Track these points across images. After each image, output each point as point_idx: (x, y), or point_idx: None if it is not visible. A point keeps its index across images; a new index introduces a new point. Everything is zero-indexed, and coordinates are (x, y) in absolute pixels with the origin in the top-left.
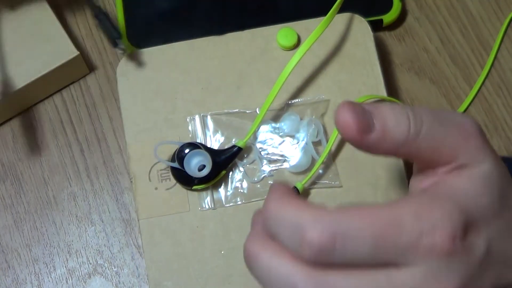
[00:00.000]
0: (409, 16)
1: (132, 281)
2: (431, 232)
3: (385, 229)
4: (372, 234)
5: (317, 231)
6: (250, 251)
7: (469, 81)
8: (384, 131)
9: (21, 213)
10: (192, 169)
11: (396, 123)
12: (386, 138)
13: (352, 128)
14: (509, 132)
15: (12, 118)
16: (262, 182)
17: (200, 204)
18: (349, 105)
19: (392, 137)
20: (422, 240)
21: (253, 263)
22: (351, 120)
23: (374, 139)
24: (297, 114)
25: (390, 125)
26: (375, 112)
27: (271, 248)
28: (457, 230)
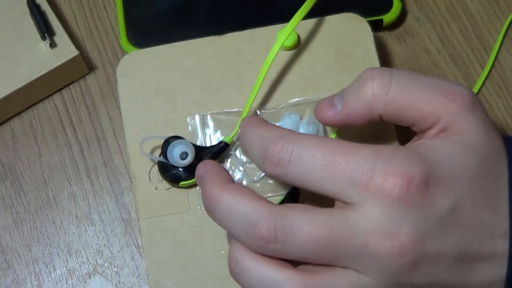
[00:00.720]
0: (409, 16)
1: (132, 281)
2: (385, 171)
3: (336, 156)
4: (323, 158)
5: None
6: (212, 193)
7: (469, 81)
8: (347, 112)
9: (21, 213)
10: (174, 158)
11: (355, 96)
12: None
13: (324, 112)
14: (509, 132)
15: (12, 118)
16: (261, 181)
17: (200, 204)
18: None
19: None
20: (374, 176)
21: (214, 204)
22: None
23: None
24: (297, 113)
25: (350, 101)
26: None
27: (233, 189)
28: (415, 177)
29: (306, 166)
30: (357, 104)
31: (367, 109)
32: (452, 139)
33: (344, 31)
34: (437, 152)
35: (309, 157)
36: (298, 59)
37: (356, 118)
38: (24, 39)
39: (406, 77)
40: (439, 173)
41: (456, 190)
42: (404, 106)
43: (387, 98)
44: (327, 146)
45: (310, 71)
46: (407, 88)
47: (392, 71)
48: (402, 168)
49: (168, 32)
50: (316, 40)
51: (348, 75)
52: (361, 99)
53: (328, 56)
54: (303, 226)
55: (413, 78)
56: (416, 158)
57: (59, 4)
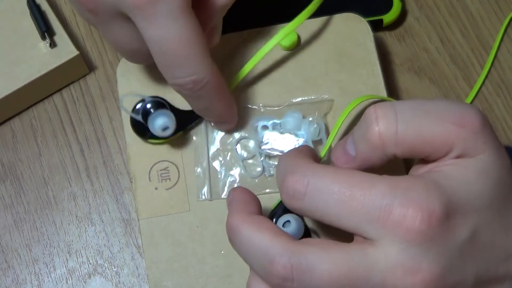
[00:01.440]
0: (409, 16)
1: (132, 281)
2: (403, 206)
3: (354, 191)
4: (340, 192)
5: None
6: (233, 224)
7: (469, 81)
8: (362, 159)
9: (21, 213)
10: (156, 128)
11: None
12: (368, 159)
13: (341, 162)
14: (509, 132)
15: (12, 118)
16: (261, 177)
17: (198, 195)
18: (337, 145)
19: (370, 157)
20: (392, 211)
21: (235, 236)
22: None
23: (357, 164)
24: (299, 112)
25: (361, 148)
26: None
27: (253, 222)
28: (435, 212)
29: (322, 200)
30: (368, 151)
31: (380, 153)
32: (467, 165)
33: (344, 31)
34: (453, 180)
35: (324, 191)
36: (298, 59)
37: (372, 163)
38: (24, 39)
39: (410, 110)
40: (457, 202)
41: (473, 218)
42: (415, 143)
43: (397, 139)
44: (344, 180)
45: (310, 71)
46: (414, 123)
47: (394, 106)
48: (421, 202)
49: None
50: (316, 40)
51: (348, 75)
52: (371, 146)
53: (328, 56)
54: (320, 265)
55: (417, 108)
56: (435, 190)
57: (59, 4)
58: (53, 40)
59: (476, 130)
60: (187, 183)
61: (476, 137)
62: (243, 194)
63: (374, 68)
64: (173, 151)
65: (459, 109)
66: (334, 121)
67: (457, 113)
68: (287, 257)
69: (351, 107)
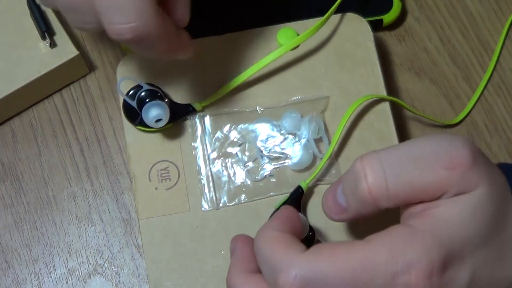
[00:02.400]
0: (409, 16)
1: (132, 281)
2: (407, 272)
3: (358, 274)
4: (343, 280)
5: (288, 277)
6: (232, 284)
7: (469, 81)
8: (354, 212)
9: (21, 213)
10: (149, 119)
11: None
12: (360, 212)
13: (332, 212)
14: (509, 132)
15: (12, 118)
16: (264, 181)
17: (201, 205)
18: (327, 194)
19: (362, 211)
20: (398, 281)
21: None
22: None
23: (350, 216)
24: (297, 112)
25: (353, 203)
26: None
27: (252, 284)
28: (434, 267)
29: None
30: (360, 206)
31: (372, 208)
32: (462, 203)
33: (344, 31)
34: (449, 223)
35: (328, 285)
36: (298, 59)
37: (366, 215)
38: (24, 39)
39: (397, 161)
40: (454, 248)
41: (470, 260)
42: (407, 195)
43: (389, 194)
44: (345, 267)
45: (310, 71)
46: (404, 175)
47: (380, 158)
48: (421, 263)
49: None
50: (316, 40)
51: (348, 75)
52: (362, 202)
53: (328, 56)
54: None
55: (404, 157)
56: (431, 244)
57: None
58: (53, 40)
59: (467, 169)
60: (187, 183)
61: (468, 176)
62: (245, 249)
63: (374, 68)
64: (173, 151)
65: (447, 149)
66: (332, 119)
67: (446, 155)
68: None
69: (353, 108)
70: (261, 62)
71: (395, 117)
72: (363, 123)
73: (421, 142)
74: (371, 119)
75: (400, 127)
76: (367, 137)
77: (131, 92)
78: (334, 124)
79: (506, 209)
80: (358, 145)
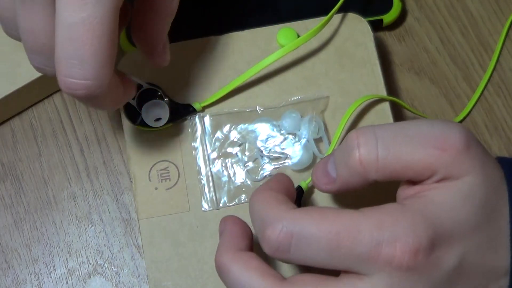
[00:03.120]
0: (409, 16)
1: (132, 281)
2: (391, 244)
3: (342, 237)
4: (327, 241)
5: (275, 229)
6: (221, 263)
7: (469, 81)
8: (342, 182)
9: (21, 213)
10: (149, 118)
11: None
12: (348, 183)
13: (321, 183)
14: (509, 132)
15: (12, 118)
16: (264, 180)
17: (201, 205)
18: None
19: (350, 181)
20: (381, 251)
21: (224, 275)
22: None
23: (337, 186)
24: (297, 112)
25: (342, 172)
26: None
27: (241, 261)
28: (421, 245)
29: (310, 250)
30: (349, 175)
31: (361, 178)
32: (451, 188)
33: (344, 31)
34: (440, 207)
35: (311, 241)
36: (298, 59)
37: (353, 186)
38: None
39: (392, 135)
40: (443, 232)
41: (459, 245)
42: (396, 169)
43: (378, 166)
44: (329, 226)
45: (310, 71)
46: (394, 149)
47: (375, 131)
48: (407, 238)
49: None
50: (316, 40)
51: (348, 75)
52: (352, 171)
53: (328, 56)
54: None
55: (399, 133)
56: (420, 222)
57: None
58: None
59: (460, 153)
60: (187, 183)
61: (459, 159)
62: (233, 227)
63: (374, 68)
64: (173, 151)
65: (441, 130)
66: (332, 119)
67: (439, 135)
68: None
69: (353, 108)
70: (261, 63)
71: (395, 117)
72: (363, 123)
73: (418, 122)
74: (371, 119)
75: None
76: None
77: None
78: (334, 124)
79: (498, 201)
80: None
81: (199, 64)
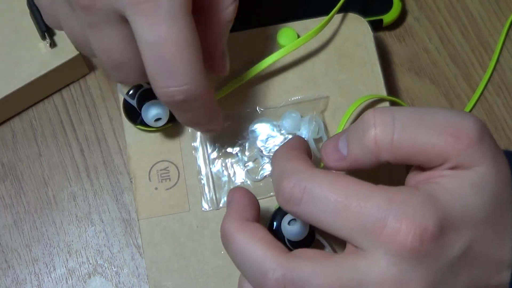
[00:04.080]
0: (409, 16)
1: (132, 281)
2: (398, 220)
3: (349, 201)
4: (335, 202)
5: (290, 181)
6: (227, 231)
7: (469, 81)
8: (353, 160)
9: (21, 213)
10: (149, 118)
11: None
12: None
13: (330, 159)
14: (509, 132)
15: (12, 118)
16: (264, 180)
17: (202, 205)
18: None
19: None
20: (386, 224)
21: (229, 244)
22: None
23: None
24: (297, 112)
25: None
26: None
27: (247, 231)
28: (429, 227)
29: (318, 207)
30: (362, 153)
31: (373, 158)
32: (463, 177)
33: (344, 31)
34: (450, 194)
35: (321, 198)
36: (298, 59)
37: (363, 165)
38: (24, 39)
39: (408, 118)
40: (452, 218)
41: (467, 233)
42: (410, 152)
43: (393, 147)
44: (341, 189)
45: (310, 71)
46: (410, 131)
47: (393, 112)
48: (415, 218)
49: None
50: (316, 40)
51: (348, 75)
52: (365, 149)
53: (328, 56)
54: (312, 280)
55: (415, 117)
56: (431, 205)
57: None
58: (53, 40)
59: (473, 143)
60: (187, 183)
61: (472, 149)
62: (242, 198)
63: (374, 68)
64: (173, 151)
65: (457, 119)
66: (332, 119)
67: (455, 124)
68: (280, 272)
69: (353, 108)
70: (261, 63)
71: None
72: None
73: (435, 109)
74: None
75: None
76: None
77: (131, 91)
78: (334, 124)
79: (508, 195)
80: None
81: None
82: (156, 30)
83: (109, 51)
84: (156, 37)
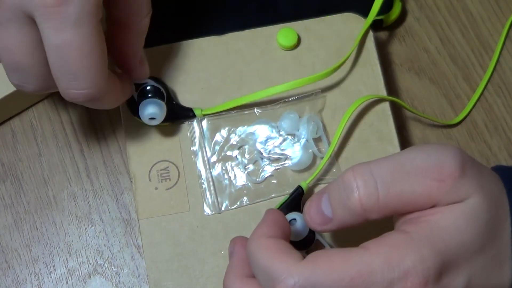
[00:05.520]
0: (409, 16)
1: (132, 281)
2: (403, 279)
3: (355, 282)
4: (345, 286)
5: (287, 286)
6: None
7: (469, 81)
8: (340, 222)
9: (21, 213)
10: (144, 115)
11: (344, 209)
12: (346, 223)
13: (316, 223)
14: (509, 132)
15: (12, 118)
16: (265, 182)
17: (203, 210)
18: (311, 204)
19: (348, 221)
20: None
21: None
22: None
23: (334, 226)
24: (295, 112)
25: (340, 214)
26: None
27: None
28: (430, 275)
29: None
30: (348, 216)
31: (360, 219)
32: (454, 211)
33: (344, 31)
34: (443, 230)
35: None
36: (298, 59)
37: (351, 226)
38: None
39: (389, 173)
40: (450, 256)
41: (466, 268)
42: (397, 206)
43: (379, 206)
44: (342, 275)
45: (310, 71)
46: (394, 187)
47: (371, 170)
48: (417, 271)
49: (168, 32)
50: (316, 40)
51: (348, 75)
52: (351, 213)
53: (328, 56)
54: None
55: (395, 170)
56: (427, 252)
57: None
58: None
59: (457, 179)
60: (187, 183)
61: (459, 185)
62: (242, 253)
63: (374, 68)
64: (173, 151)
65: (436, 161)
66: (332, 119)
67: (435, 165)
68: None
69: (353, 108)
70: (272, 89)
71: (395, 117)
72: (363, 123)
73: (412, 153)
74: (371, 119)
75: (400, 127)
76: (367, 137)
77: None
78: (334, 124)
79: (500, 214)
80: (358, 145)
81: (199, 64)
82: (62, 35)
83: (11, 50)
84: (61, 41)
